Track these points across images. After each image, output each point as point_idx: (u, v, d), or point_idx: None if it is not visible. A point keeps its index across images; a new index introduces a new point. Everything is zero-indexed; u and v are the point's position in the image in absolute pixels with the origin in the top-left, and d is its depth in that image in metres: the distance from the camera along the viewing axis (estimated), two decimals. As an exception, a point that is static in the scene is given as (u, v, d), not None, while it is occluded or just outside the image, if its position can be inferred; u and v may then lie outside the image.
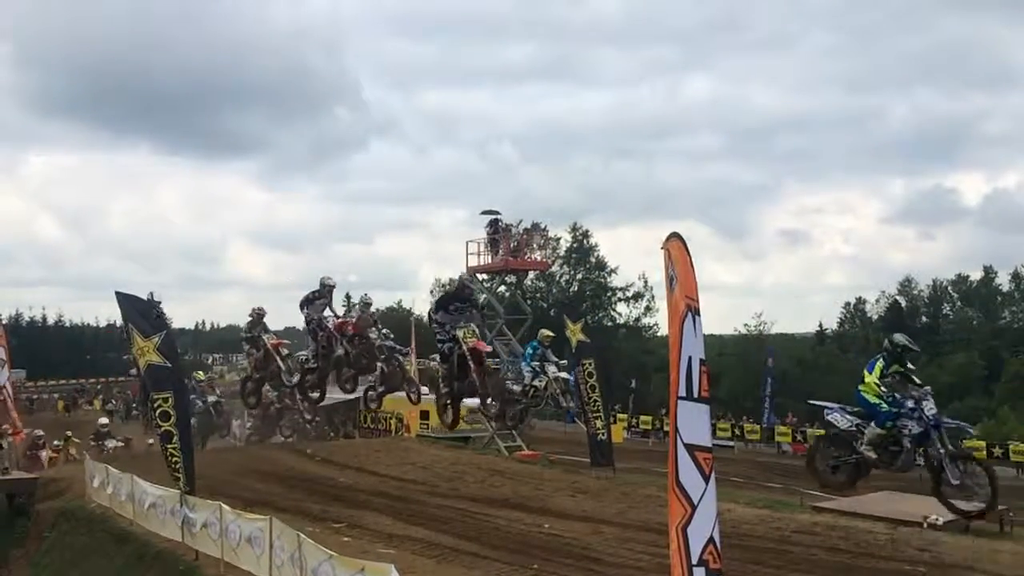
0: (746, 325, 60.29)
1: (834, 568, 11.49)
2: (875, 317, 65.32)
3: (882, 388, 12.96)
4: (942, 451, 12.45)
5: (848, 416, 13.57)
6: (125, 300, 13.58)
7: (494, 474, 18.02)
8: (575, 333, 18.63)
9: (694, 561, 5.53)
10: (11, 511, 18.61)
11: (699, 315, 5.76)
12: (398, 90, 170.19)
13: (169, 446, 13.07)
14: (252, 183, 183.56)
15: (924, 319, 65.39)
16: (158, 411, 13.01)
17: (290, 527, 10.53)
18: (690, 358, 5.70)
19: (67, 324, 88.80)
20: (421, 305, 70.87)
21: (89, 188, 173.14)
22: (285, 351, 22.02)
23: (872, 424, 13.04)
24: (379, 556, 10.57)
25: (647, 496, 15.04)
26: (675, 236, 6.01)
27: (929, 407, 12.65)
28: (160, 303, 72.91)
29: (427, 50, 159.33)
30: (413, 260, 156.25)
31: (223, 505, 12.48)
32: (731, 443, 30.89)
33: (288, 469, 19.93)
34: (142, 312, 13.47)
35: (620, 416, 27.70)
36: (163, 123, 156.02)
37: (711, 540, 5.55)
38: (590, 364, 18.39)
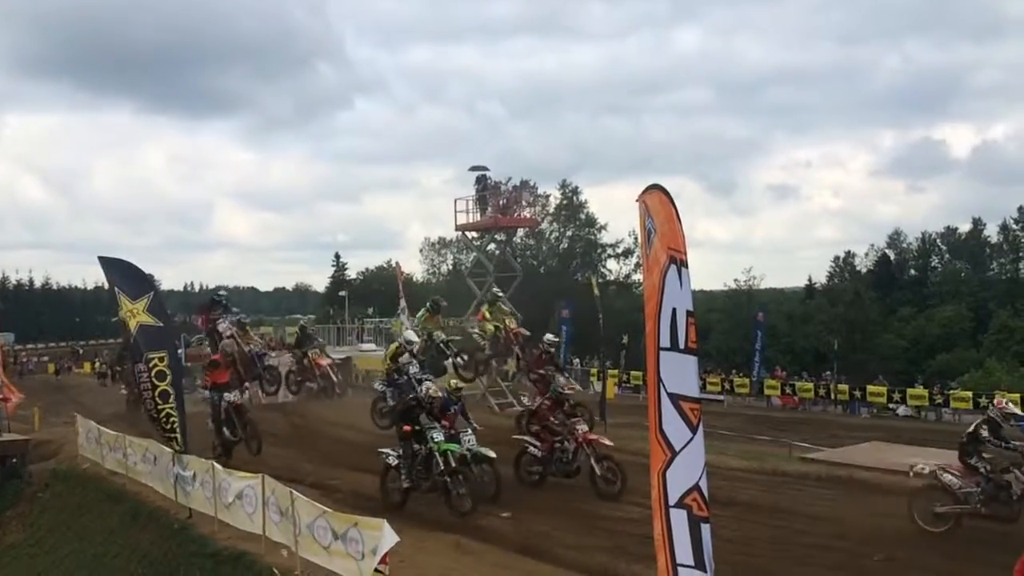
0: (736, 280, 60.54)
1: (826, 518, 11.67)
2: (864, 271, 65.44)
3: None
4: None
5: None
6: (109, 264, 13.41)
7: (486, 430, 18.06)
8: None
9: (672, 503, 5.56)
10: (4, 472, 18.64)
11: (686, 267, 5.68)
12: (383, 47, 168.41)
13: (166, 405, 12.98)
14: (238, 142, 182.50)
15: (913, 272, 65.54)
16: (154, 371, 12.90)
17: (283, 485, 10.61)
18: (674, 309, 5.64)
19: (55, 287, 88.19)
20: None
21: (72, 149, 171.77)
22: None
23: None
24: (372, 512, 10.64)
25: (638, 449, 15.14)
26: (655, 188, 5.91)
27: None
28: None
29: (412, 5, 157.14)
30: (402, 219, 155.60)
31: (215, 464, 12.56)
32: (721, 397, 31.08)
33: (283, 429, 19.97)
34: (127, 275, 13.28)
35: (612, 372, 27.77)
36: (146, 82, 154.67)
37: (696, 487, 5.54)
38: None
